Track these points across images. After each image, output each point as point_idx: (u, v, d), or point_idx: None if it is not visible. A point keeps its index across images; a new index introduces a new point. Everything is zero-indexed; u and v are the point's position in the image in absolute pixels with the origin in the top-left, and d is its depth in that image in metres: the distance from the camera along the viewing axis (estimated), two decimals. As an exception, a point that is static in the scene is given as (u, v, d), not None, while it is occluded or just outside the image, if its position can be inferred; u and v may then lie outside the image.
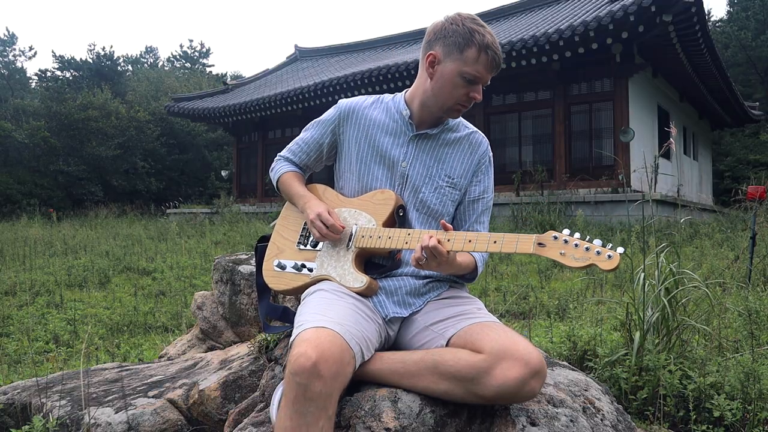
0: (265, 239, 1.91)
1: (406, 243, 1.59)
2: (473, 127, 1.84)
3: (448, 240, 1.52)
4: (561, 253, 1.39)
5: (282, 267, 1.78)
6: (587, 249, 1.37)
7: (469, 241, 1.50)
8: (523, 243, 1.44)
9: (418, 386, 1.46)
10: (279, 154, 1.96)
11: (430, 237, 1.49)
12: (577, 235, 1.41)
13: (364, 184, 1.76)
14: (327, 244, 1.72)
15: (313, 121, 1.89)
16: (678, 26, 10.52)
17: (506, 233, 1.48)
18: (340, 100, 1.86)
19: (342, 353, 1.34)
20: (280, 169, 1.92)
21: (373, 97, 1.85)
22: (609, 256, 1.35)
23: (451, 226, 1.55)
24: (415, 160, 1.74)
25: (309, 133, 1.89)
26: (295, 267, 1.75)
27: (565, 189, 11.61)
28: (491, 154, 1.85)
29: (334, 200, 1.81)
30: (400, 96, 1.80)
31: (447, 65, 1.64)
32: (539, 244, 1.42)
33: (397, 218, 1.69)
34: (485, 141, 1.84)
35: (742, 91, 20.35)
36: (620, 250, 1.35)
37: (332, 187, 1.88)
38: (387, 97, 1.84)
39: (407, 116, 1.74)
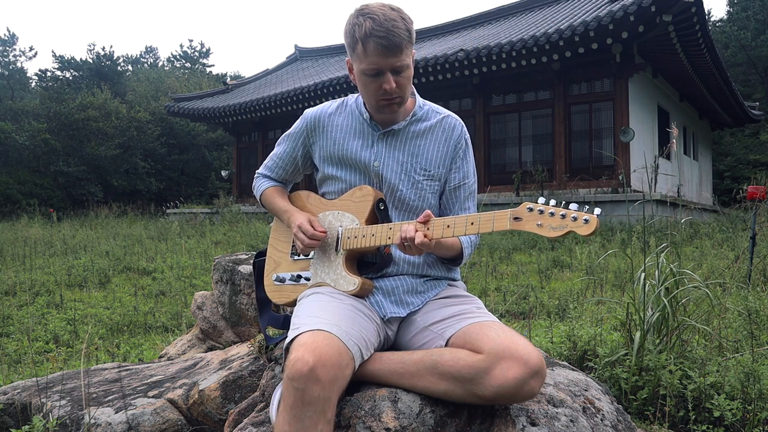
0: (262, 254, 1.93)
1: (389, 238, 1.59)
2: (445, 110, 1.80)
3: (428, 228, 1.52)
4: (538, 225, 1.38)
5: (281, 280, 1.79)
6: (563, 216, 1.35)
7: (448, 226, 1.50)
8: (499, 220, 1.43)
9: (418, 386, 1.46)
10: (257, 171, 1.97)
11: (414, 229, 1.49)
12: (552, 202, 1.38)
13: (344, 186, 1.76)
14: (318, 251, 1.73)
15: (283, 135, 1.89)
16: (678, 26, 10.52)
17: (482, 213, 1.47)
18: (305, 110, 1.85)
19: (339, 356, 1.33)
20: (261, 186, 1.94)
21: (338, 101, 1.83)
22: (586, 220, 1.32)
23: (431, 215, 1.54)
24: (387, 158, 1.72)
25: (282, 147, 1.89)
26: (293, 278, 1.76)
27: (565, 189, 11.61)
28: (468, 136, 1.80)
29: (317, 205, 1.81)
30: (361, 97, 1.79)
31: (354, 68, 1.64)
32: (515, 218, 1.41)
33: (379, 212, 1.69)
34: (459, 123, 1.78)
35: (742, 91, 20.36)
36: (597, 211, 1.32)
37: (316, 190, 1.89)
38: (351, 98, 1.82)
39: (368, 118, 1.73)
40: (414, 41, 1.62)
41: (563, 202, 1.38)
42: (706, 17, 11.58)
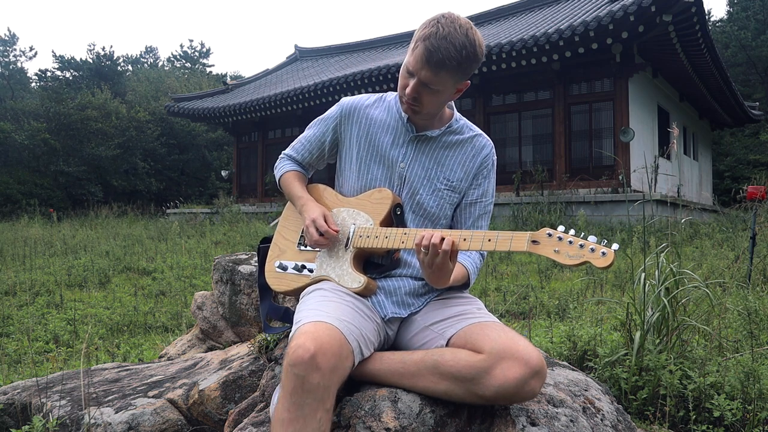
0: (267, 240, 1.91)
1: (403, 243, 1.58)
2: (478, 129, 1.81)
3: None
4: (555, 251, 1.38)
5: (283, 268, 1.78)
6: (581, 246, 1.36)
7: (464, 239, 1.49)
8: (517, 241, 1.43)
9: (418, 386, 1.46)
10: (283, 152, 1.97)
11: (440, 236, 1.48)
12: (571, 231, 1.40)
13: (363, 183, 1.75)
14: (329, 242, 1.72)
15: (316, 119, 1.90)
16: (678, 26, 10.52)
17: (501, 231, 1.47)
18: (342, 98, 1.85)
19: (340, 347, 1.34)
20: (283, 167, 1.93)
21: (376, 95, 1.84)
22: (603, 253, 1.34)
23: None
24: (414, 162, 1.72)
25: (312, 130, 1.89)
26: (296, 268, 1.75)
27: (565, 189, 11.62)
28: (495, 158, 1.81)
29: (333, 200, 1.80)
30: None
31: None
32: (533, 241, 1.41)
33: (395, 217, 1.68)
34: (489, 144, 1.80)
35: (742, 91, 20.36)
36: (615, 246, 1.34)
37: (332, 184, 1.88)
38: (390, 95, 1.82)
39: (406, 118, 1.72)
40: (464, 75, 1.59)
41: (582, 233, 1.40)
42: (706, 17, 11.58)
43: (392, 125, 1.75)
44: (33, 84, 33.83)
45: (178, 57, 40.31)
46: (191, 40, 65.50)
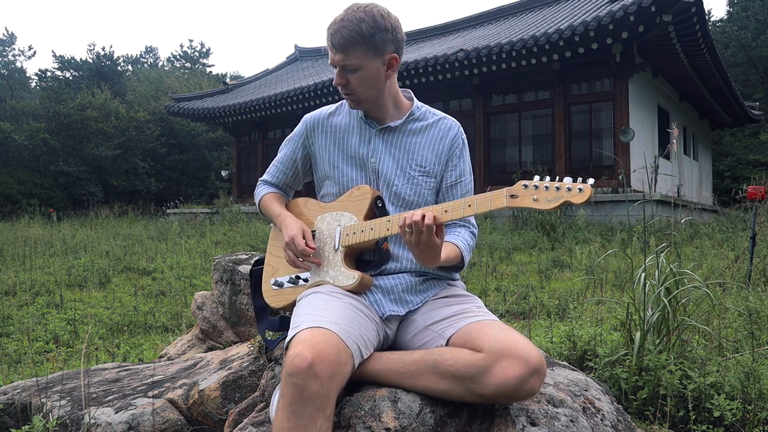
0: (259, 263, 1.94)
1: (388, 230, 1.61)
2: (442, 113, 1.84)
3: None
4: (534, 199, 1.40)
5: (279, 285, 1.80)
6: (558, 189, 1.39)
7: (446, 211, 1.52)
8: (496, 199, 1.46)
9: (418, 386, 1.46)
10: (260, 178, 2.01)
11: (420, 213, 1.48)
12: (547, 178, 1.43)
13: (341, 187, 1.78)
14: (317, 251, 1.74)
15: (285, 140, 1.94)
16: (678, 26, 10.52)
17: (478, 194, 1.51)
18: (305, 115, 1.90)
19: (339, 353, 1.34)
20: (260, 193, 1.97)
21: (336, 104, 1.88)
22: (580, 189, 1.36)
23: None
24: (383, 154, 1.75)
25: (282, 152, 1.94)
26: (291, 281, 1.77)
27: (565, 189, 11.59)
28: (464, 137, 1.83)
29: (315, 208, 1.83)
30: None
31: None
32: (511, 196, 1.44)
33: (377, 209, 1.71)
34: (456, 125, 1.82)
35: (742, 91, 20.36)
36: (590, 181, 1.36)
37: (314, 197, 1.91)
38: None
39: (363, 116, 1.78)
40: (379, 47, 1.63)
41: (557, 177, 1.42)
42: (706, 17, 11.58)
43: (356, 126, 1.80)
44: (33, 84, 33.84)
45: (178, 57, 40.32)
46: (191, 40, 65.57)
